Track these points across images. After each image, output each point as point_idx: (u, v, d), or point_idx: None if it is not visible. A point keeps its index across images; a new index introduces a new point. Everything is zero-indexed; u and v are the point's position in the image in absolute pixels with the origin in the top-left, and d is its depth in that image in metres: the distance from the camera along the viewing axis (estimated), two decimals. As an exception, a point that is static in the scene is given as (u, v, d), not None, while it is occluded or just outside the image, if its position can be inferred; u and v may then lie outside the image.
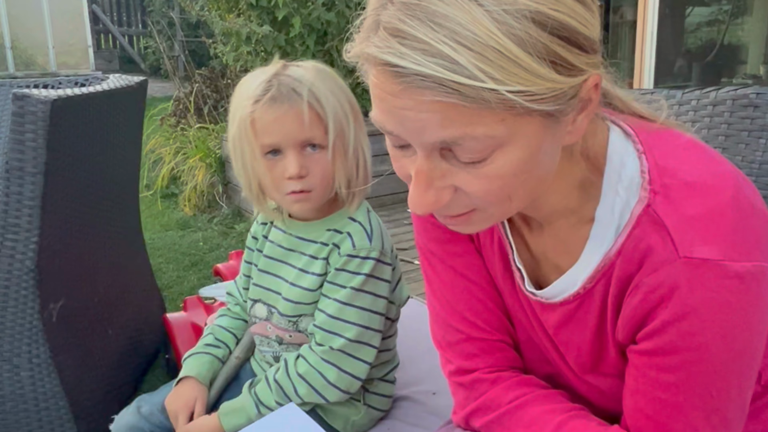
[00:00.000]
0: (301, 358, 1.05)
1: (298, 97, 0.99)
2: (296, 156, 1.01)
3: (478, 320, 0.81)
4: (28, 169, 1.32)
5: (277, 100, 0.99)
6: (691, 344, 0.61)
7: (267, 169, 1.02)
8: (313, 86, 1.00)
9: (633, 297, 0.63)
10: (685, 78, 4.79)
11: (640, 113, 0.69)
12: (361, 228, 1.06)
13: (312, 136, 1.01)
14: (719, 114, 1.03)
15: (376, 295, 1.05)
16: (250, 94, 1.00)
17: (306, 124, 0.99)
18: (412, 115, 0.53)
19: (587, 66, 0.55)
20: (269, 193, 1.07)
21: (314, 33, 4.01)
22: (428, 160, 0.57)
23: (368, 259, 1.04)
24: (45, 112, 1.30)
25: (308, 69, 1.03)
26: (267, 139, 1.00)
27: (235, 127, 1.02)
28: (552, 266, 0.74)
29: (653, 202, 0.62)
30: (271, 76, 1.01)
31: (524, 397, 0.77)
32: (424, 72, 0.51)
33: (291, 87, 0.99)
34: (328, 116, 1.01)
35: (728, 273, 0.58)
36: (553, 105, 0.54)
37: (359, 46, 0.55)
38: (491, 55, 0.50)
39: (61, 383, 1.45)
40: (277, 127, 0.99)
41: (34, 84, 1.93)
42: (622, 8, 4.95)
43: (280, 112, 0.99)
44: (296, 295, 1.08)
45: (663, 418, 0.65)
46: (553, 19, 0.52)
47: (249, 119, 1.00)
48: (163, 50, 5.44)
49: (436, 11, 0.51)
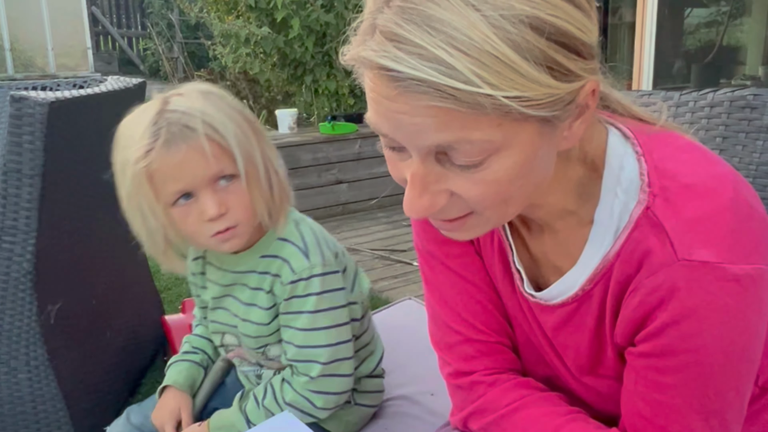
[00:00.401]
0: (287, 385, 1.03)
1: (193, 132, 0.89)
2: (210, 195, 0.92)
3: (477, 322, 0.81)
4: (25, 171, 1.32)
5: (171, 142, 0.89)
6: (690, 346, 0.61)
7: (182, 218, 0.93)
8: (206, 116, 0.91)
9: (631, 299, 0.63)
10: (684, 79, 4.79)
11: (639, 116, 0.69)
12: (294, 248, 1.00)
13: (221, 169, 0.92)
14: (716, 116, 1.03)
15: (336, 308, 1.01)
16: (137, 143, 0.89)
17: (211, 160, 0.90)
18: (407, 119, 0.53)
19: (584, 72, 0.55)
20: (191, 241, 0.98)
21: (313, 34, 4.01)
22: (424, 164, 0.57)
23: (313, 278, 0.99)
24: (42, 114, 1.30)
25: (193, 96, 0.93)
26: (173, 186, 0.91)
27: (128, 183, 0.91)
28: (551, 268, 0.74)
29: (652, 205, 0.62)
30: (155, 117, 0.90)
31: (522, 400, 0.77)
32: (419, 77, 0.50)
33: (182, 124, 0.89)
34: (231, 144, 0.91)
35: (727, 275, 0.58)
36: (549, 111, 0.54)
37: (355, 49, 0.55)
38: (488, 61, 0.50)
39: (59, 385, 1.44)
40: (181, 172, 0.90)
41: (32, 86, 1.93)
42: (621, 10, 4.95)
43: (179, 156, 0.89)
44: (252, 329, 1.04)
45: (661, 421, 0.66)
46: (551, 24, 0.52)
47: (144, 173, 0.89)
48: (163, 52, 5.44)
49: (432, 15, 0.50)
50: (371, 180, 3.84)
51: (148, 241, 0.96)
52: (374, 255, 3.09)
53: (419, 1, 0.51)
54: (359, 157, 3.78)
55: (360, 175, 3.82)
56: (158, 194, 0.91)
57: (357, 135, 3.78)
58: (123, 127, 0.94)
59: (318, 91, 4.28)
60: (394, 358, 1.33)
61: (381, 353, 1.20)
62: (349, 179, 3.79)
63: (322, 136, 3.71)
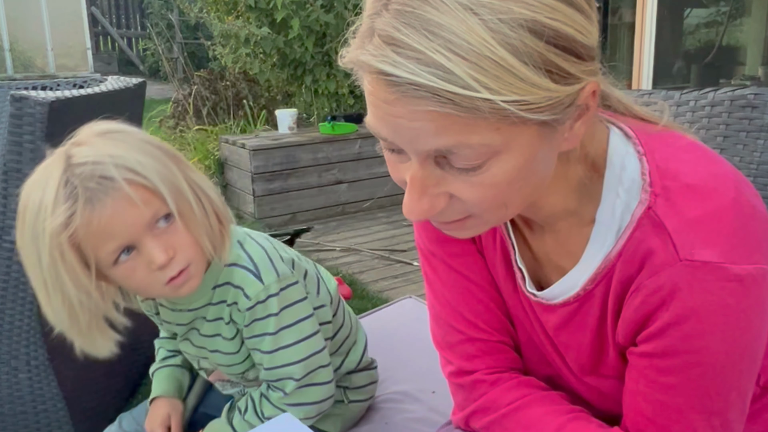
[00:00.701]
0: (265, 400, 1.01)
1: (113, 182, 0.80)
2: (153, 241, 0.84)
3: (479, 321, 0.81)
4: (25, 171, 1.32)
5: (94, 200, 0.80)
6: (692, 347, 0.61)
7: (128, 274, 0.85)
8: (117, 159, 0.82)
9: (633, 299, 0.63)
10: (683, 79, 4.80)
11: (641, 116, 0.69)
12: (245, 272, 0.95)
13: (154, 213, 0.84)
14: (717, 115, 1.03)
15: (301, 320, 0.98)
16: (51, 212, 0.79)
17: (141, 206, 0.82)
18: (405, 124, 0.53)
19: (584, 74, 0.55)
20: (144, 295, 0.93)
21: (313, 35, 4.01)
22: (423, 167, 0.57)
23: (270, 298, 0.95)
24: (43, 113, 1.29)
25: (95, 142, 0.84)
26: (110, 245, 0.82)
27: (45, 258, 0.81)
28: (554, 267, 0.74)
29: (654, 204, 0.62)
30: (63, 176, 0.80)
31: (524, 399, 0.77)
32: (418, 81, 0.50)
33: (97, 176, 0.80)
34: (155, 182, 0.83)
35: (729, 275, 0.58)
36: (549, 114, 0.53)
37: (354, 52, 0.55)
38: (486, 65, 0.50)
39: (59, 385, 1.44)
40: (113, 228, 0.81)
41: (32, 86, 1.93)
42: (621, 10, 4.95)
43: (107, 212, 0.80)
44: (223, 359, 1.02)
45: (663, 420, 0.65)
46: (550, 27, 0.51)
47: (69, 243, 0.80)
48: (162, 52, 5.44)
49: (431, 20, 0.50)
50: (371, 180, 3.84)
51: (68, 320, 0.85)
52: (374, 255, 3.09)
53: (417, 5, 0.51)
54: (359, 157, 3.78)
55: (360, 175, 3.82)
56: (91, 260, 0.83)
57: (357, 135, 3.78)
58: (27, 195, 0.83)
59: (318, 91, 4.28)
60: (395, 356, 1.33)
61: (364, 342, 1.18)
62: (349, 179, 3.79)
63: (322, 136, 3.71)
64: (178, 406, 1.12)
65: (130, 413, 1.18)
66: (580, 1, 0.54)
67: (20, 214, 0.84)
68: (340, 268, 2.92)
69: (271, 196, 3.60)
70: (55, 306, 0.84)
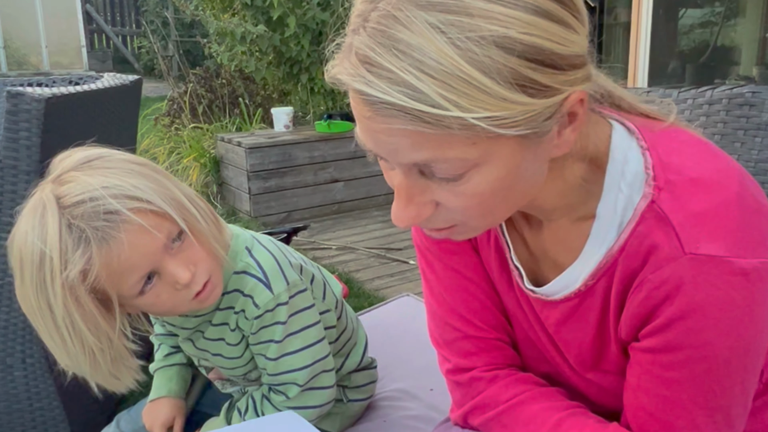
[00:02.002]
0: (266, 401, 1.01)
1: (119, 216, 0.78)
2: (173, 262, 0.84)
3: (475, 318, 0.81)
4: (22, 168, 1.31)
5: (107, 239, 0.77)
6: (696, 341, 0.61)
7: (154, 300, 0.85)
8: (112, 190, 0.78)
9: (637, 294, 0.63)
10: (678, 79, 4.81)
11: (646, 113, 0.69)
12: (255, 281, 0.94)
13: (168, 233, 0.83)
14: (715, 113, 1.04)
15: (307, 327, 0.98)
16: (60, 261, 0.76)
17: (155, 230, 0.81)
18: (384, 138, 0.55)
19: (565, 84, 0.54)
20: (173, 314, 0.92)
21: (309, 33, 4.01)
22: (407, 177, 0.58)
23: (279, 306, 0.94)
24: (39, 110, 1.29)
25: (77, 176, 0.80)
26: (133, 276, 0.81)
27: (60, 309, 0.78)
28: (551, 264, 0.74)
29: (658, 199, 0.62)
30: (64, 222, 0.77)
31: (522, 395, 0.77)
32: (389, 100, 0.51)
33: (101, 212, 0.77)
34: (159, 204, 0.82)
35: (734, 269, 0.58)
36: (525, 128, 0.53)
37: (334, 70, 0.56)
38: (454, 83, 0.50)
39: (55, 383, 1.44)
40: (133, 260, 0.80)
41: (27, 82, 1.91)
42: (616, 10, 4.97)
43: (123, 247, 0.78)
44: (225, 362, 1.02)
45: (665, 416, 0.65)
46: (523, 42, 0.51)
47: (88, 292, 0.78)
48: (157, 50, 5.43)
49: (401, 39, 0.51)
50: (367, 179, 3.84)
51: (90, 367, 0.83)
52: (370, 254, 3.09)
53: (390, 24, 0.52)
54: (355, 155, 3.78)
55: (356, 173, 3.82)
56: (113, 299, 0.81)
57: (353, 133, 3.77)
58: (21, 246, 0.79)
59: (314, 89, 4.27)
60: (393, 354, 1.33)
61: (365, 343, 1.18)
62: (345, 178, 3.79)
63: (318, 135, 3.71)
64: (182, 408, 1.11)
65: (127, 412, 1.17)
66: (560, 13, 0.54)
67: (16, 269, 0.80)
68: (336, 267, 2.91)
69: (267, 195, 3.59)
70: (73, 355, 0.82)
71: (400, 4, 0.51)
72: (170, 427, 1.09)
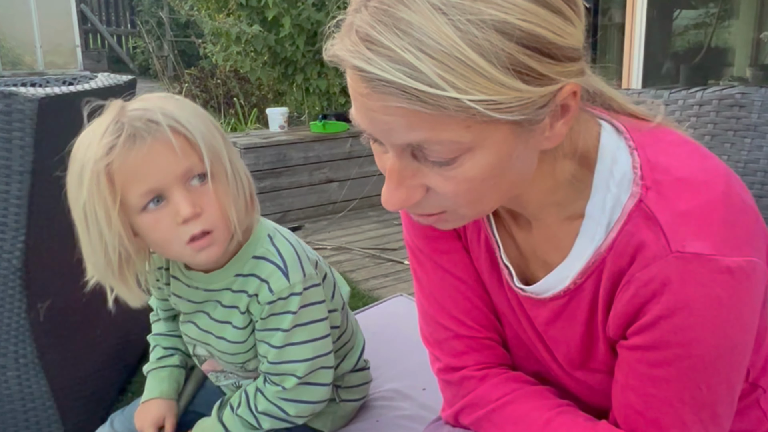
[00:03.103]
0: (260, 394, 1.01)
1: (158, 126, 0.85)
2: (183, 193, 0.86)
3: (466, 318, 0.81)
4: (15, 168, 1.31)
5: (136, 137, 0.84)
6: (682, 339, 0.61)
7: (152, 224, 0.87)
8: (166, 111, 0.86)
9: (624, 292, 0.64)
10: (672, 80, 4.82)
11: (635, 113, 0.70)
12: (273, 267, 0.95)
13: (190, 165, 0.86)
14: (705, 114, 1.04)
15: (315, 322, 0.99)
16: (97, 145, 0.84)
17: (179, 154, 0.85)
18: (380, 117, 0.55)
19: (561, 75, 0.55)
20: (163, 252, 0.93)
21: (304, 33, 4.01)
22: (400, 159, 0.58)
23: (292, 296, 0.95)
24: (32, 110, 1.29)
25: (151, 99, 0.90)
26: (141, 186, 0.85)
27: (85, 189, 0.84)
28: (541, 262, 0.74)
29: (645, 198, 0.62)
30: (115, 117, 0.86)
31: (513, 394, 0.78)
32: (387, 78, 0.52)
33: (145, 118, 0.85)
34: (197, 138, 0.87)
35: (720, 268, 0.59)
36: (519, 114, 0.54)
37: (334, 47, 0.56)
38: (453, 64, 0.51)
39: (48, 383, 1.44)
40: (148, 169, 0.84)
41: (21, 82, 1.91)
42: (611, 11, 4.98)
43: (144, 149, 0.84)
44: (227, 347, 1.02)
45: (653, 413, 0.66)
46: (521, 29, 0.52)
47: (105, 174, 0.83)
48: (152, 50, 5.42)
49: (402, 18, 0.51)
50: (362, 179, 3.84)
51: (104, 261, 0.88)
52: (365, 254, 3.09)
53: (392, 3, 0.52)
54: (350, 155, 3.78)
55: (351, 173, 3.82)
56: (122, 199, 0.85)
57: (348, 134, 3.78)
58: (79, 138, 0.88)
59: (309, 89, 4.27)
60: (387, 354, 1.33)
61: (362, 346, 1.19)
62: (340, 178, 3.79)
63: (313, 135, 3.71)
64: (173, 409, 1.11)
65: (121, 412, 1.17)
66: (558, 4, 0.54)
67: (72, 153, 0.88)
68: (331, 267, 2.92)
69: (262, 195, 3.59)
70: (94, 244, 0.88)
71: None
72: (161, 427, 1.09)
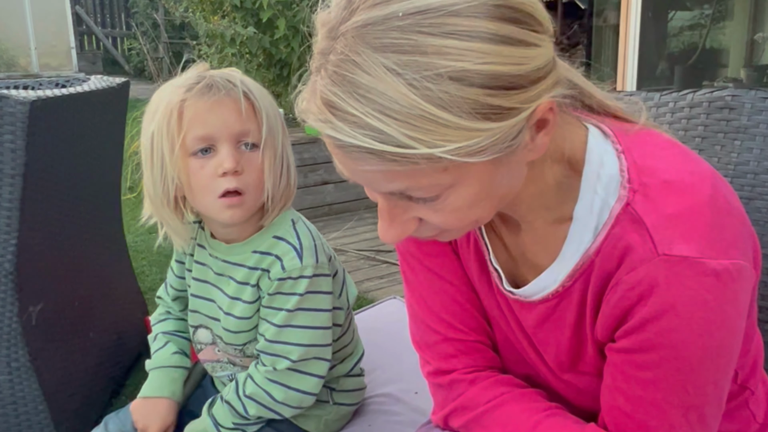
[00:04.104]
0: (249, 378, 1.03)
1: (234, 87, 0.95)
2: (231, 150, 0.94)
3: (456, 321, 0.81)
4: (6, 171, 1.31)
5: (212, 87, 0.94)
6: (669, 341, 0.62)
7: (195, 170, 0.94)
8: (244, 80, 0.97)
9: (612, 295, 0.64)
10: (667, 81, 4.84)
11: (619, 115, 0.70)
12: (289, 247, 1.00)
13: (248, 130, 0.95)
14: (696, 116, 1.05)
15: (318, 310, 1.01)
16: (177, 87, 0.94)
17: (243, 115, 0.94)
18: (359, 173, 0.57)
19: (528, 101, 0.55)
20: (196, 199, 0.97)
21: (299, 35, 4.00)
22: (387, 200, 0.61)
23: (302, 278, 0.99)
24: (24, 113, 1.28)
25: (232, 70, 1.00)
26: (200, 130, 0.93)
27: (156, 123, 0.94)
28: (530, 265, 0.74)
29: (632, 201, 0.63)
30: (200, 73, 0.97)
31: (502, 397, 0.78)
32: (357, 144, 0.53)
33: (225, 77, 0.96)
34: (262, 110, 0.96)
35: (706, 270, 0.59)
36: (493, 153, 0.55)
37: (303, 111, 0.57)
38: (417, 122, 0.52)
39: (41, 387, 1.43)
40: (212, 117, 0.93)
41: (14, 85, 1.91)
42: (606, 12, 4.99)
43: (215, 99, 0.93)
44: (233, 324, 1.04)
45: (641, 415, 0.66)
46: (480, 72, 0.52)
47: (177, 109, 0.93)
48: (147, 52, 5.40)
49: (361, 84, 0.52)
50: (357, 181, 3.85)
51: (159, 192, 0.96)
52: (360, 255, 3.09)
53: (349, 68, 0.53)
54: (345, 157, 3.78)
55: (346, 175, 3.82)
56: (181, 137, 0.93)
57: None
58: (163, 86, 0.98)
59: (304, 91, 4.26)
60: (379, 357, 1.33)
61: (360, 355, 1.20)
62: (335, 180, 3.79)
63: (308, 137, 3.70)
64: (176, 414, 1.10)
65: (116, 415, 1.16)
66: (517, 34, 0.54)
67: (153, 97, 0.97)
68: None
69: (257, 197, 3.58)
70: (155, 176, 0.95)
71: (357, 48, 0.53)
72: None
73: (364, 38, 0.53)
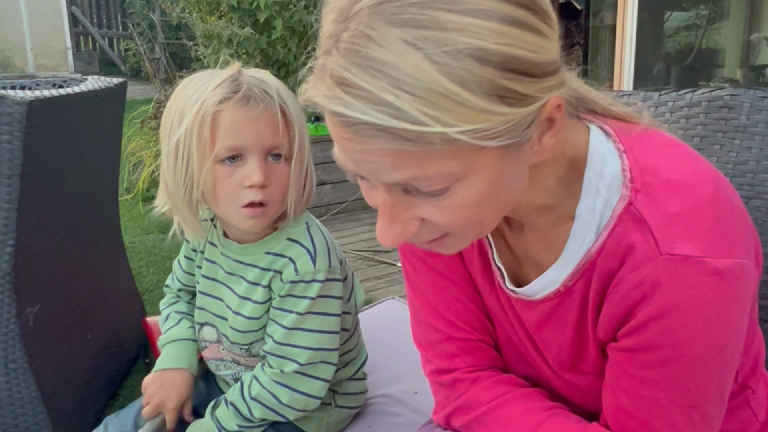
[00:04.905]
0: (254, 380, 1.02)
1: (271, 99, 0.93)
2: (260, 163, 0.93)
3: (458, 320, 0.81)
4: (4, 171, 1.30)
5: (251, 99, 0.91)
6: (672, 341, 0.62)
7: (221, 178, 0.93)
8: (279, 91, 0.95)
9: (614, 294, 0.64)
10: (664, 81, 4.85)
11: (621, 116, 0.70)
12: (303, 250, 1.00)
13: (280, 144, 0.94)
14: (695, 116, 1.05)
15: (328, 315, 1.01)
16: (213, 90, 0.91)
17: (278, 129, 0.93)
18: (365, 158, 0.54)
19: (542, 91, 0.55)
20: (218, 205, 0.96)
21: (296, 35, 4.00)
22: (390, 195, 0.58)
23: (314, 282, 0.99)
24: (21, 113, 1.28)
25: (265, 73, 0.97)
26: (231, 141, 0.91)
27: (184, 128, 0.91)
28: (533, 264, 0.74)
29: (635, 200, 0.62)
30: (233, 75, 0.93)
31: (504, 396, 0.78)
32: (369, 121, 0.51)
33: (262, 88, 0.93)
34: (295, 125, 0.95)
35: (709, 269, 0.59)
36: (506, 139, 0.53)
37: (309, 92, 0.55)
38: (434, 99, 0.50)
39: (39, 389, 1.42)
40: (247, 129, 0.91)
41: (11, 85, 1.90)
42: (602, 12, 5.00)
43: (254, 113, 0.91)
44: (241, 324, 1.03)
45: (643, 415, 0.66)
46: (498, 53, 0.51)
47: (211, 118, 0.90)
48: (144, 52, 5.39)
49: (376, 58, 0.50)
50: (355, 181, 3.84)
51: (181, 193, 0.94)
52: (358, 256, 3.09)
53: (364, 44, 0.51)
54: (343, 158, 3.78)
55: (344, 176, 3.77)
56: (212, 145, 0.91)
57: (340, 136, 3.78)
58: (193, 78, 0.95)
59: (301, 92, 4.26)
60: (379, 357, 1.33)
61: (364, 359, 1.20)
62: (332, 180, 3.78)
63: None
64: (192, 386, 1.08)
65: (115, 416, 1.16)
66: (532, 20, 0.54)
67: (176, 92, 0.94)
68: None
69: (255, 197, 3.58)
70: (178, 176, 0.93)
71: (372, 23, 0.51)
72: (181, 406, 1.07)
73: (380, 14, 0.51)
